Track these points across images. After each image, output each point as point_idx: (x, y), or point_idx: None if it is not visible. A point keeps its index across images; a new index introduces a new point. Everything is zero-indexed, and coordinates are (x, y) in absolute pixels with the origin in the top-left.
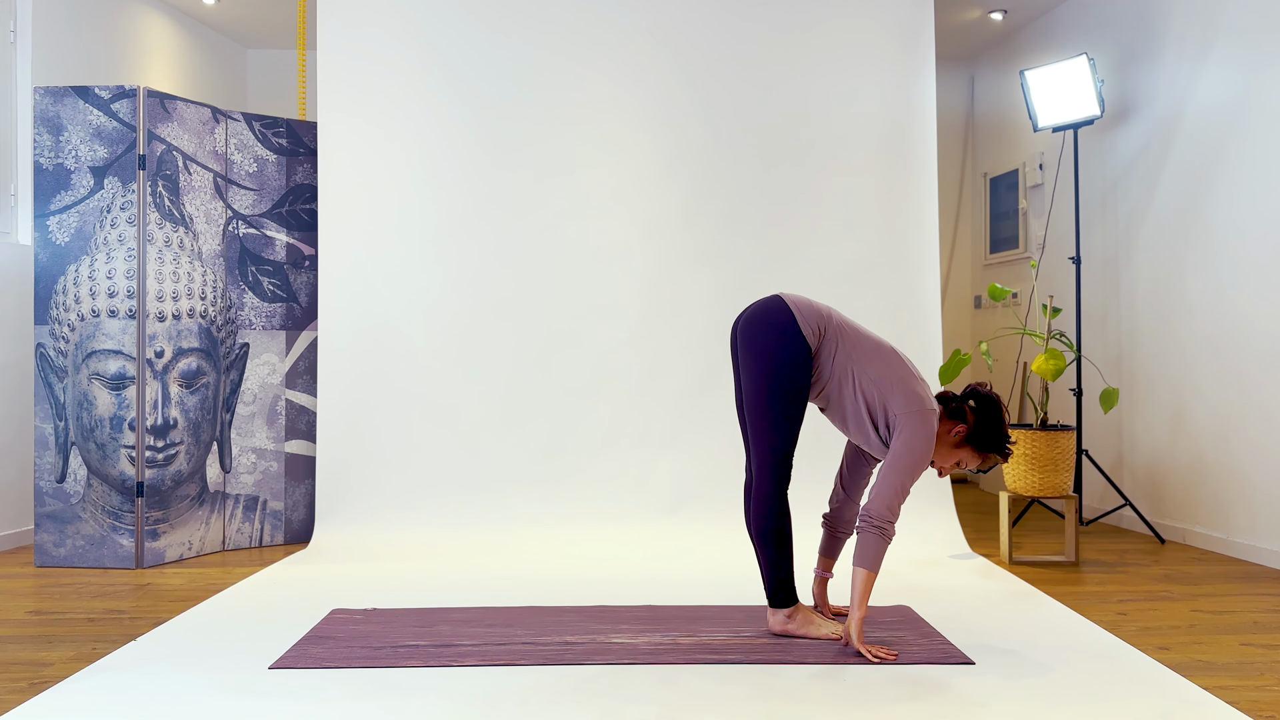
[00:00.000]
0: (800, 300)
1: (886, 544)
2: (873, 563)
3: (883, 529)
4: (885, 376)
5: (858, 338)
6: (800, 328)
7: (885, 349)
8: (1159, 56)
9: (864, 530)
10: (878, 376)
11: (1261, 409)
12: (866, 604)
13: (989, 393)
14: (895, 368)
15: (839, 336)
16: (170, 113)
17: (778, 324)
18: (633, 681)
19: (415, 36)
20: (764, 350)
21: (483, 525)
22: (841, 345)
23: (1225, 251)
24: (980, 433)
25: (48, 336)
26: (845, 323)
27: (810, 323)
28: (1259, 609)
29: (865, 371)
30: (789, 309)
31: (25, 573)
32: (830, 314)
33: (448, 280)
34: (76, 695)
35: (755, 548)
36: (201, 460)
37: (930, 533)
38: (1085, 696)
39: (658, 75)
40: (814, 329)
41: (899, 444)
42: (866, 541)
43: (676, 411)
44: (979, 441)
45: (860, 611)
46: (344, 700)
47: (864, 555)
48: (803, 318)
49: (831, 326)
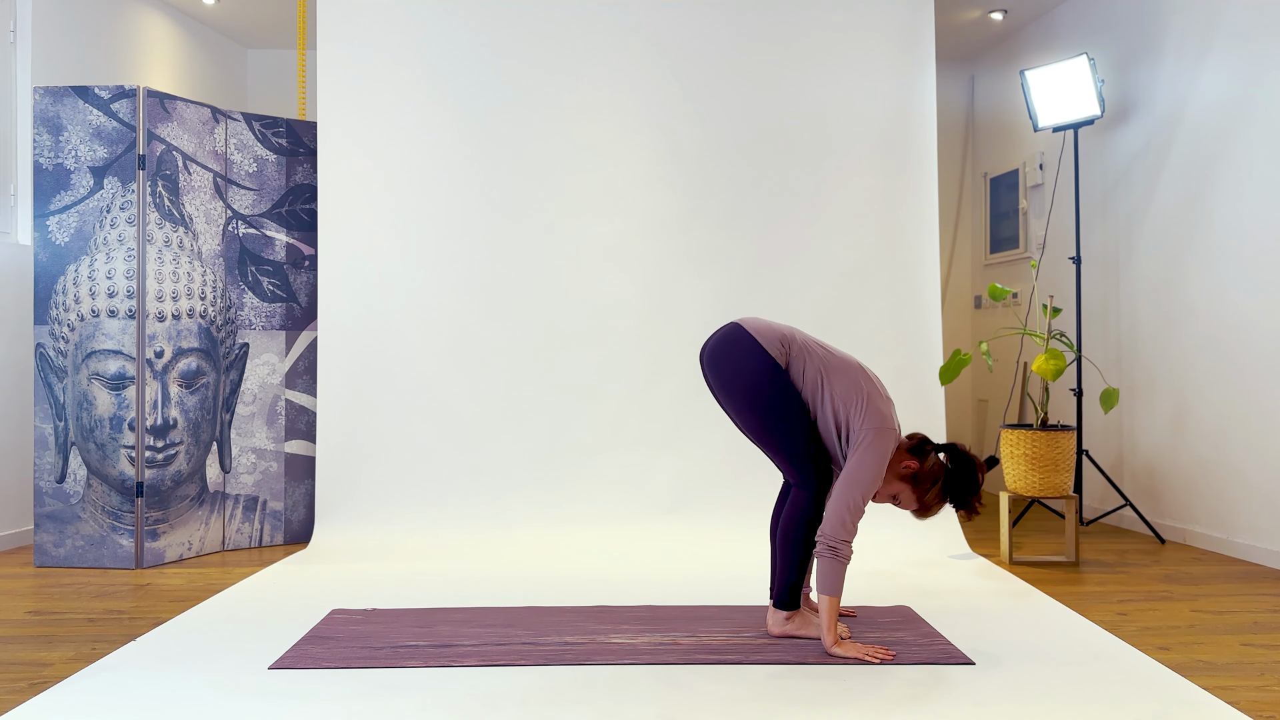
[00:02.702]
0: (758, 323)
1: (843, 565)
2: (832, 588)
3: (836, 549)
4: (850, 390)
5: (826, 353)
6: (765, 348)
7: (853, 365)
8: (1159, 56)
9: (820, 554)
10: (844, 391)
11: (1261, 409)
12: (835, 628)
13: (970, 454)
14: (861, 383)
15: (805, 354)
16: (170, 113)
17: (741, 349)
18: (633, 681)
19: (415, 37)
20: (736, 376)
21: (483, 525)
22: (810, 361)
23: (1225, 251)
24: (944, 481)
25: (47, 336)
26: (810, 339)
27: (773, 343)
28: (1259, 609)
29: (834, 385)
30: (748, 333)
31: (25, 573)
32: (793, 333)
33: (448, 280)
34: (76, 695)
35: (777, 548)
36: (201, 460)
37: (930, 533)
38: (1085, 696)
39: (657, 75)
40: (778, 348)
41: (853, 460)
42: (824, 568)
43: (676, 411)
44: (927, 486)
45: (831, 637)
46: (344, 700)
47: (823, 581)
48: (764, 339)
49: (795, 345)
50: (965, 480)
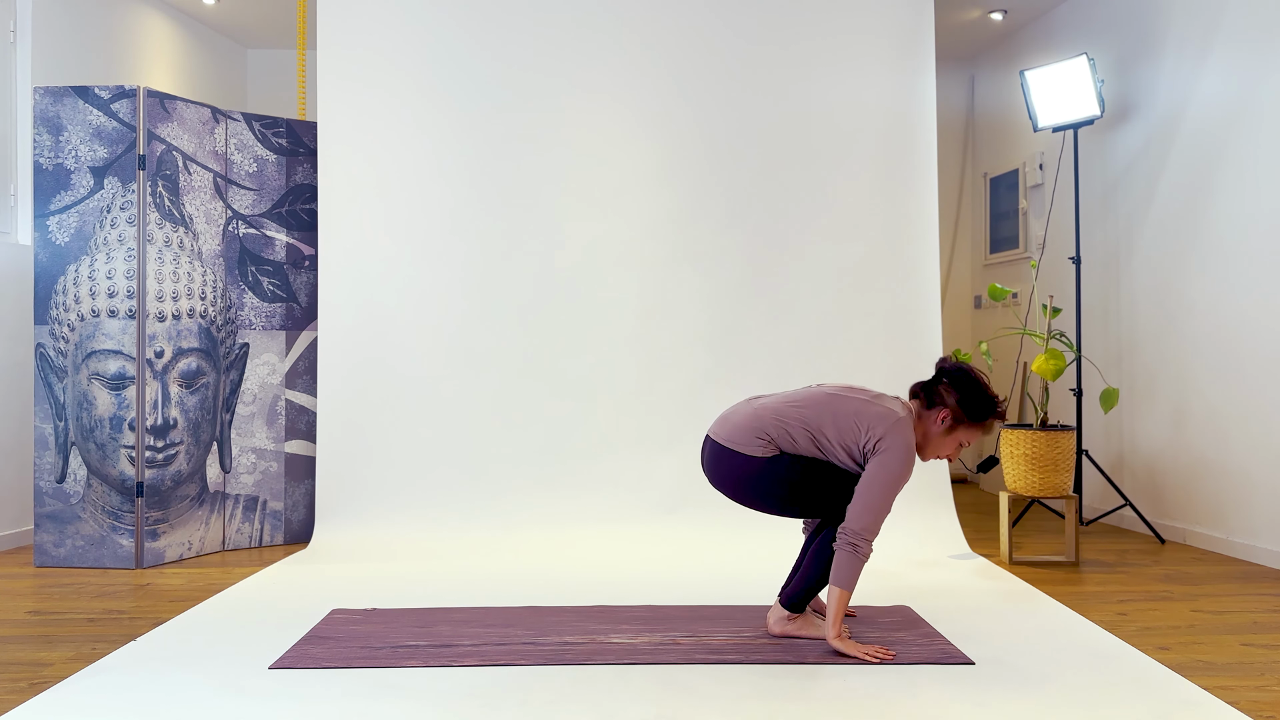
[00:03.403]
0: (730, 430)
1: (862, 563)
2: (848, 582)
3: (856, 546)
4: (844, 425)
5: (799, 411)
6: (748, 454)
7: (822, 399)
8: (1159, 56)
9: (840, 547)
10: (838, 431)
11: (1261, 409)
12: (840, 623)
13: (957, 365)
14: (842, 408)
15: (785, 430)
16: (170, 113)
17: (728, 464)
18: (633, 681)
19: (415, 37)
20: (740, 492)
21: (483, 525)
22: (793, 432)
23: (1225, 251)
24: (966, 407)
25: (47, 336)
26: (779, 406)
27: (753, 444)
28: (1259, 609)
29: (829, 434)
30: (726, 449)
31: (25, 573)
32: (763, 416)
33: (448, 280)
34: (76, 695)
35: (809, 554)
36: (201, 460)
37: (930, 533)
38: (1085, 697)
39: (657, 75)
40: (761, 445)
41: (875, 464)
42: (841, 560)
43: (676, 412)
44: (969, 415)
45: (835, 629)
46: (344, 700)
47: (839, 574)
48: (744, 445)
49: (773, 428)
50: (977, 397)
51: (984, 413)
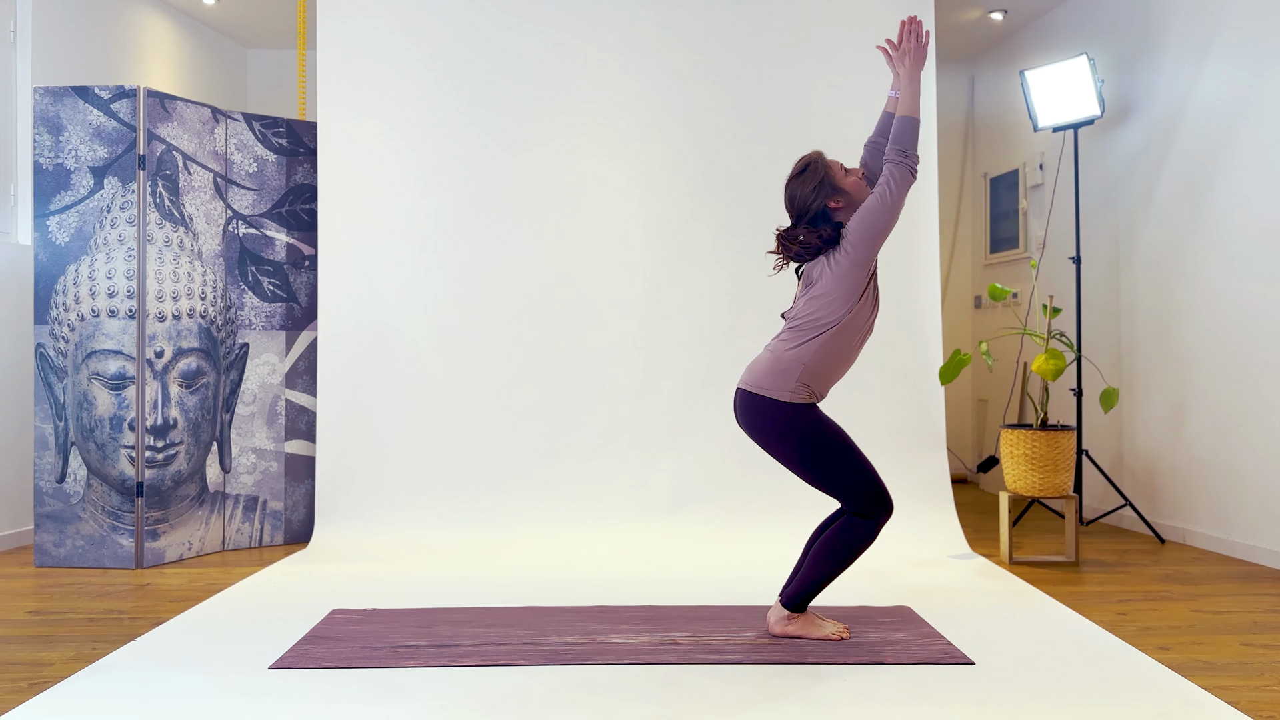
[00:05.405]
0: (760, 375)
1: (917, 135)
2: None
3: (905, 153)
4: (835, 288)
5: (809, 320)
6: (779, 400)
7: (796, 307)
8: (1159, 56)
9: (890, 160)
10: (841, 288)
11: (1261, 409)
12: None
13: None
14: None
15: (819, 343)
16: (170, 113)
17: (758, 414)
18: (633, 681)
19: (415, 36)
20: (768, 441)
21: (483, 525)
22: (828, 335)
23: (1225, 251)
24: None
25: (47, 336)
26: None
27: (785, 387)
28: (1259, 609)
29: (843, 292)
30: (757, 396)
31: (25, 573)
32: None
33: (448, 280)
34: (76, 695)
35: (810, 555)
36: (201, 460)
37: (930, 533)
38: (1085, 696)
39: (658, 75)
40: (795, 386)
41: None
42: (902, 127)
43: (677, 411)
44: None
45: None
46: (344, 700)
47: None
48: (775, 390)
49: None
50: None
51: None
